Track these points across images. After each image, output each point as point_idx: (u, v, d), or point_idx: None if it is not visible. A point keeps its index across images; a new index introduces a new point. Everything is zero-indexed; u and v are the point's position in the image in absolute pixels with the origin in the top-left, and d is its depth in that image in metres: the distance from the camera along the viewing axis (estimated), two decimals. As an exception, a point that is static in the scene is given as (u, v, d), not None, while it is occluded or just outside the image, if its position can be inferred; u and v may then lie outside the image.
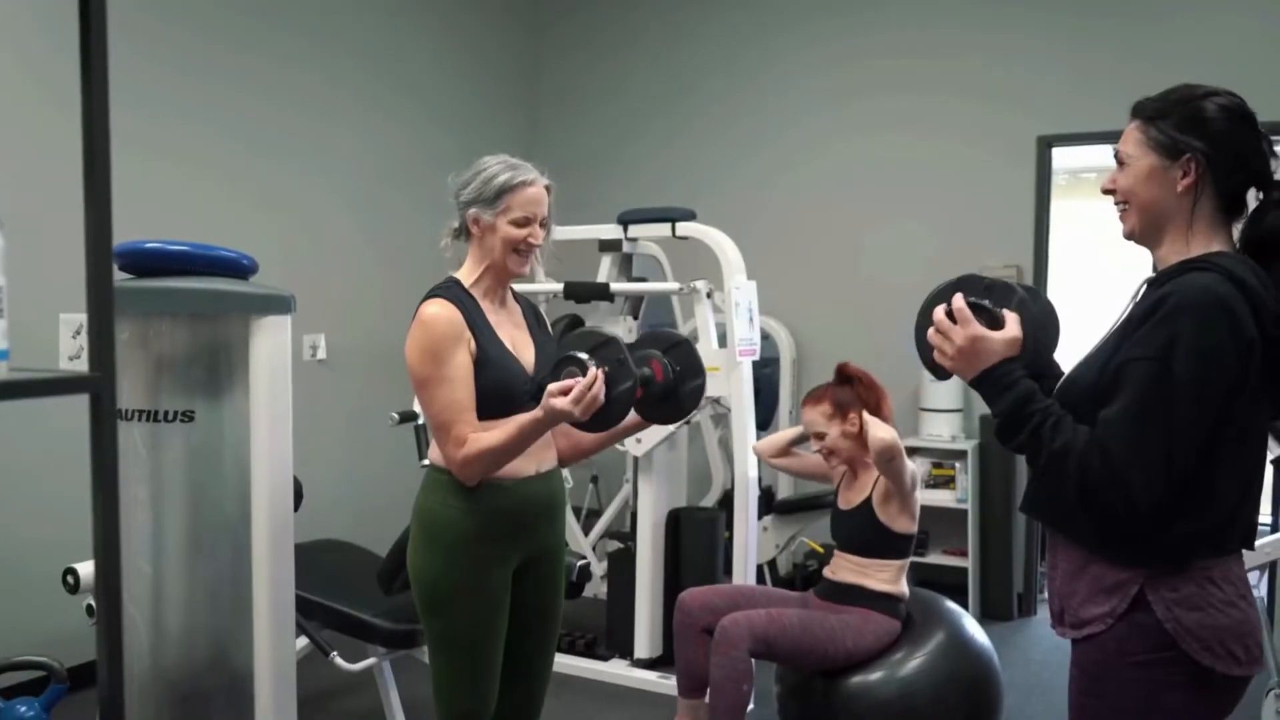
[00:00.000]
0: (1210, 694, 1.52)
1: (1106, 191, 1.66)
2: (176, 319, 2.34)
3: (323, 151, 4.82)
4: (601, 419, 2.08)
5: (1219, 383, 1.44)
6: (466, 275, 2.24)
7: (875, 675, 3.15)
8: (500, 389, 2.16)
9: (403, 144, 5.25)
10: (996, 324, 1.61)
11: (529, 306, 2.41)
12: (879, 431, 3.04)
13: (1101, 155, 7.67)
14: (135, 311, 2.34)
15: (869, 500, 3.24)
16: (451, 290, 2.19)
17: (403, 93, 5.28)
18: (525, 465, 2.21)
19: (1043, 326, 1.71)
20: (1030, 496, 1.69)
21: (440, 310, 2.13)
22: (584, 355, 2.03)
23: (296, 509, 2.65)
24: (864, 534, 3.28)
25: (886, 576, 3.25)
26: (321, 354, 4.80)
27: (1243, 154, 1.55)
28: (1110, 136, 1.70)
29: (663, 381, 2.29)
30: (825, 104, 5.58)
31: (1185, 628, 1.48)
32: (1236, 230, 1.60)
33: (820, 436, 3.31)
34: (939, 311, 1.64)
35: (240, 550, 2.44)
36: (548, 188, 2.25)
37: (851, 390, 3.31)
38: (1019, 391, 1.56)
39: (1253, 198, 1.59)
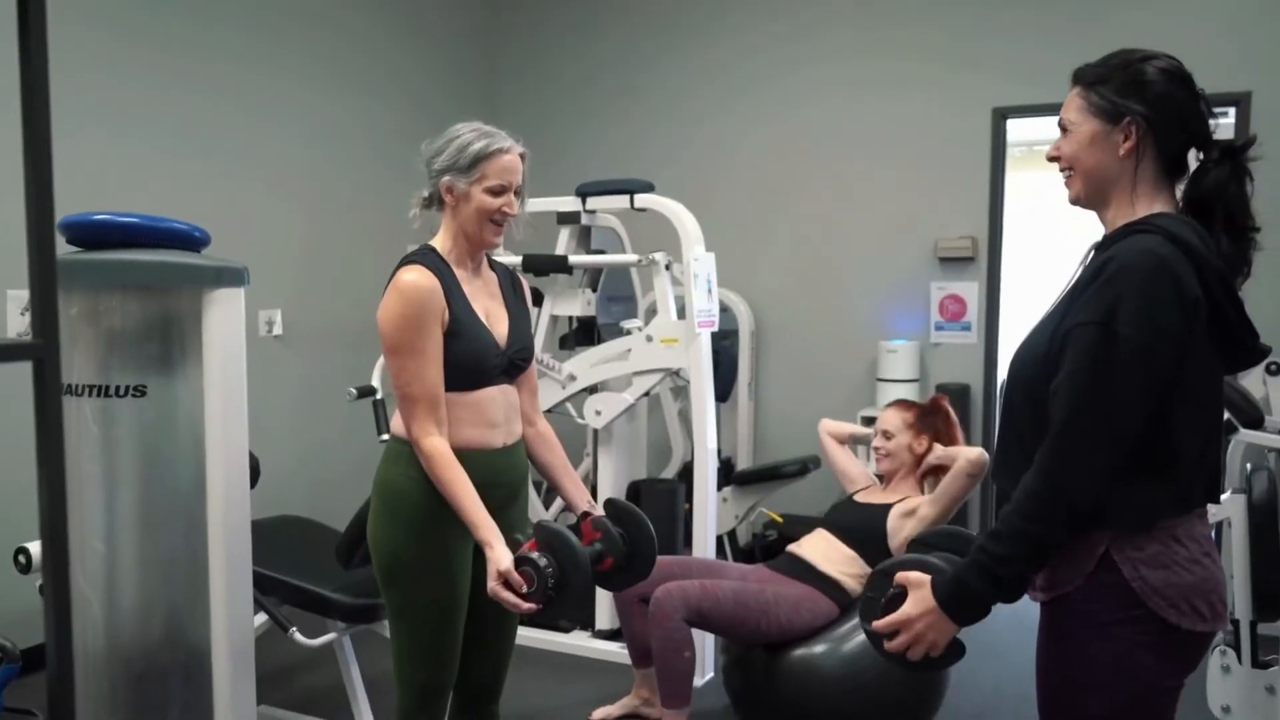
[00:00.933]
0: (1176, 651, 1.54)
1: (1051, 159, 1.67)
2: (127, 292, 2.29)
3: (277, 126, 4.75)
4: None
5: (1164, 343, 1.45)
6: (442, 243, 2.21)
7: (819, 649, 3.19)
8: (471, 360, 2.15)
9: (359, 117, 5.18)
10: (902, 598, 1.61)
11: (506, 275, 2.38)
12: (980, 449, 3.25)
13: (1056, 128, 7.79)
14: (84, 285, 2.29)
15: (889, 507, 3.32)
16: (429, 257, 2.16)
17: (358, 64, 5.21)
18: (493, 436, 2.20)
19: (930, 550, 1.74)
20: (997, 466, 1.70)
21: (418, 278, 2.10)
22: (544, 565, 2.03)
23: (253, 486, 2.63)
24: (862, 526, 3.35)
25: (849, 570, 3.31)
26: (278, 330, 4.75)
27: (1182, 116, 1.57)
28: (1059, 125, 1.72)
29: (610, 568, 2.28)
30: (782, 77, 5.58)
31: (1152, 586, 1.50)
32: (1180, 191, 1.62)
33: (888, 436, 3.44)
34: (891, 645, 1.62)
35: (196, 526, 2.41)
36: (522, 155, 2.22)
37: (936, 419, 3.45)
38: (965, 581, 1.55)
39: (1193, 158, 1.61)
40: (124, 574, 2.34)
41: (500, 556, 2.04)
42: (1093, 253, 1.62)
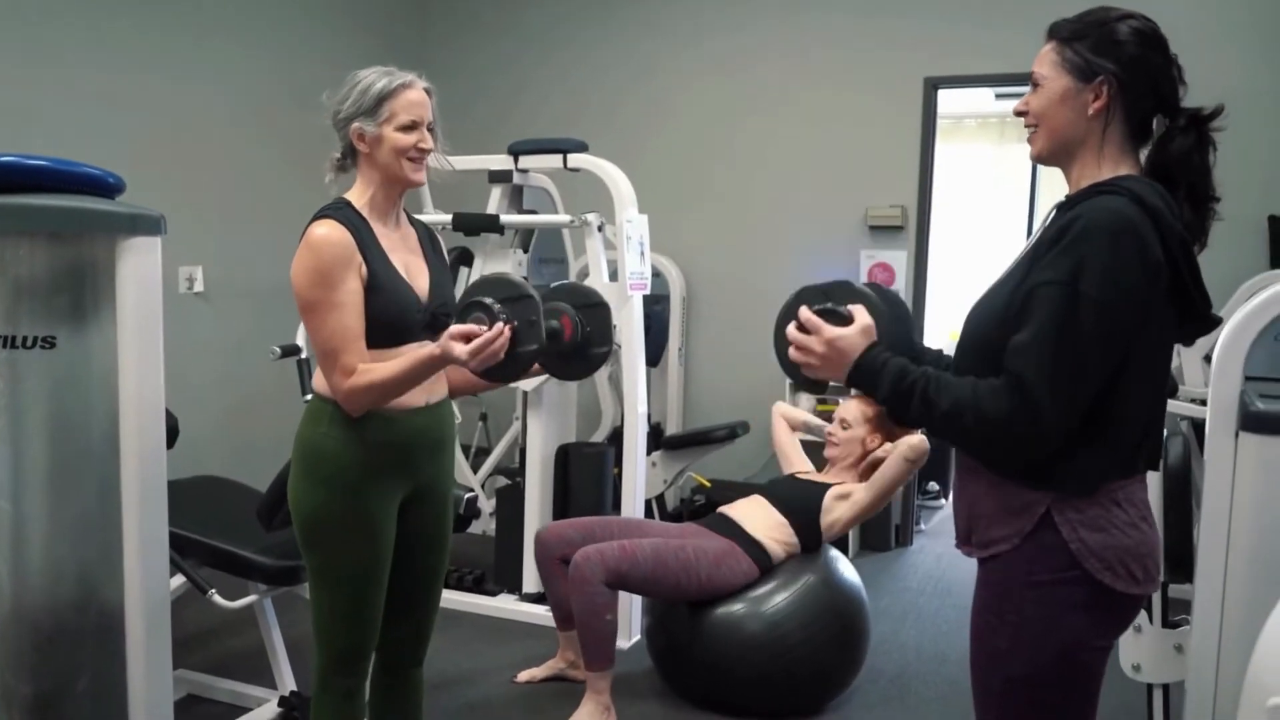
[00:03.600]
0: (1108, 612, 1.57)
1: (1019, 113, 1.65)
2: (35, 239, 2.19)
3: (200, 80, 4.58)
4: (498, 373, 2.03)
5: (1127, 305, 1.45)
6: (357, 195, 2.14)
7: (739, 608, 3.23)
8: (392, 316, 2.09)
9: (284, 70, 5.02)
10: (845, 322, 1.63)
11: (425, 230, 2.32)
12: (924, 438, 3.26)
13: (982, 101, 7.81)
14: (-12, 231, 2.18)
15: (829, 487, 3.37)
16: (342, 211, 2.08)
17: (285, 14, 5.04)
18: (414, 396, 2.14)
19: (892, 310, 1.74)
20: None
21: (329, 231, 2.03)
22: (495, 305, 1.96)
23: (171, 445, 2.54)
24: (798, 498, 3.40)
25: (778, 537, 3.35)
26: (199, 286, 4.61)
27: (1154, 79, 1.57)
28: (996, 79, 1.71)
29: (570, 340, 2.24)
30: (715, 43, 5.56)
31: (1089, 548, 1.52)
32: (1143, 156, 1.61)
33: (845, 426, 3.47)
34: (790, 329, 1.65)
35: (109, 485, 2.32)
36: (428, 90, 2.15)
37: (895, 422, 3.44)
38: (891, 369, 1.58)
39: (1157, 125, 1.60)
40: (32, 534, 2.25)
41: (449, 332, 1.97)
42: (1055, 212, 1.61)
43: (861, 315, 1.63)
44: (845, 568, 3.43)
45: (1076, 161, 1.61)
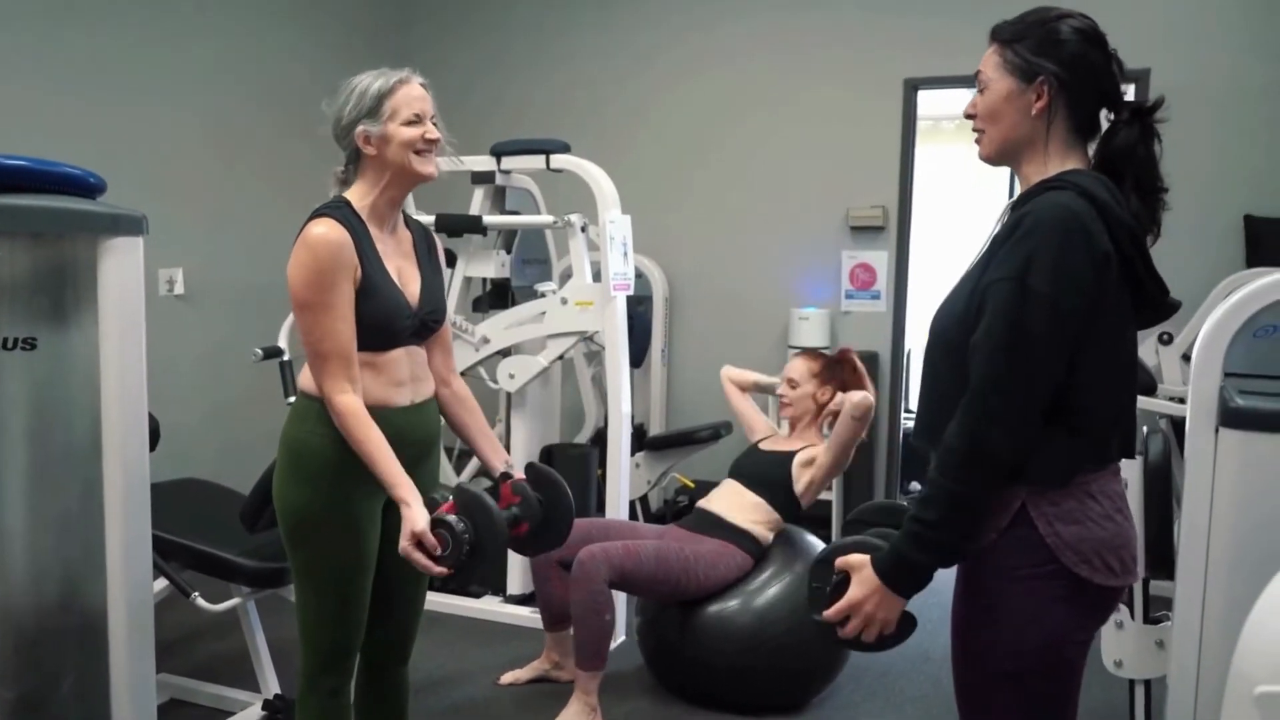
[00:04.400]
0: (1087, 605, 1.58)
1: (968, 115, 1.68)
2: (15, 239, 2.17)
3: (180, 82, 4.56)
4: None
5: (1076, 297, 1.47)
6: (357, 198, 2.13)
7: (732, 604, 3.25)
8: (381, 321, 2.09)
9: (267, 69, 5.01)
10: (847, 581, 1.62)
11: (421, 234, 2.30)
12: (867, 394, 3.27)
13: (961, 103, 7.89)
14: (-32, 232, 2.16)
15: (793, 454, 3.38)
16: (341, 210, 2.08)
17: (265, 17, 5.02)
18: (397, 395, 2.15)
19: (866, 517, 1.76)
20: (919, 428, 1.71)
21: (328, 231, 2.02)
22: (462, 531, 1.98)
23: (153, 448, 2.52)
24: (769, 473, 3.41)
25: (759, 518, 3.36)
26: (179, 289, 4.59)
27: (1095, 76, 1.59)
28: (975, 81, 1.72)
29: (526, 534, 2.25)
30: (697, 45, 5.58)
31: (1065, 541, 1.53)
32: (1092, 150, 1.64)
33: (793, 385, 3.48)
34: (846, 631, 1.62)
35: (91, 487, 2.31)
36: (424, 85, 2.16)
37: (842, 371, 3.49)
38: (903, 550, 1.55)
39: (1104, 119, 1.63)
40: (14, 535, 2.24)
41: (416, 517, 2.00)
42: (1008, 211, 1.64)
43: (847, 564, 1.62)
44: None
45: (1024, 161, 1.63)
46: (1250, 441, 2.11)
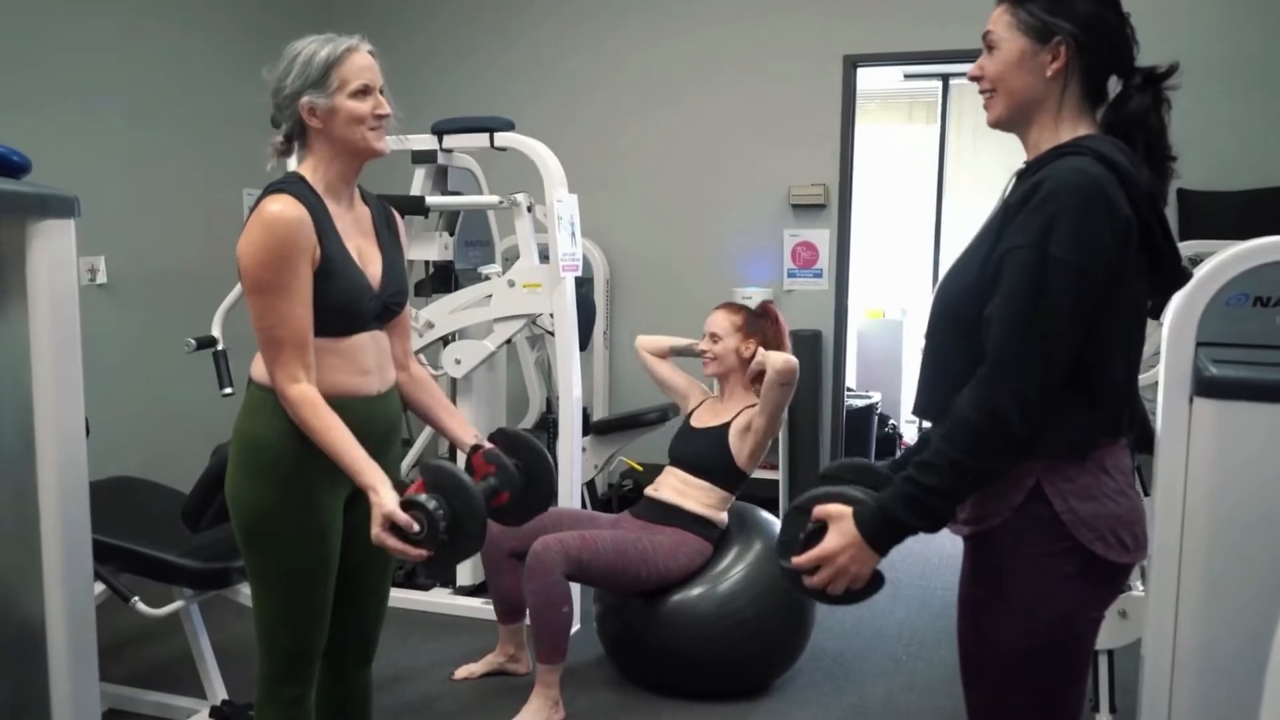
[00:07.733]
0: (1101, 582, 1.55)
1: (974, 78, 1.62)
2: (-68, 224, 2.01)
3: (95, 57, 4.32)
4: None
5: (1099, 264, 1.43)
6: (310, 171, 2.00)
7: (694, 591, 3.20)
8: (343, 304, 1.96)
9: (190, 46, 4.77)
10: (823, 531, 1.56)
11: (380, 210, 2.17)
12: (788, 355, 3.17)
13: (890, 80, 7.82)
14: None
15: (727, 425, 3.29)
16: (297, 186, 1.94)
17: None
18: (366, 384, 2.03)
19: (844, 473, 1.71)
20: (921, 404, 1.65)
21: (285, 208, 1.88)
22: (438, 512, 1.86)
23: (82, 444, 2.38)
24: (706, 454, 3.32)
25: (709, 501, 3.29)
26: (102, 278, 4.37)
27: (1110, 39, 1.55)
28: (914, 57, 1.67)
29: (507, 503, 2.15)
30: (634, 22, 5.49)
31: (1080, 518, 1.49)
32: (1099, 117, 1.59)
33: (715, 340, 3.37)
34: (815, 580, 1.56)
35: (24, 490, 2.16)
36: (373, 54, 2.03)
37: (764, 324, 3.39)
38: (893, 506, 1.49)
39: (1112, 85, 1.58)
40: (-61, 544, 2.08)
41: (385, 499, 1.87)
42: (1015, 180, 1.58)
43: (826, 513, 1.56)
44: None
45: (1034, 125, 1.58)
46: (1224, 410, 2.10)
